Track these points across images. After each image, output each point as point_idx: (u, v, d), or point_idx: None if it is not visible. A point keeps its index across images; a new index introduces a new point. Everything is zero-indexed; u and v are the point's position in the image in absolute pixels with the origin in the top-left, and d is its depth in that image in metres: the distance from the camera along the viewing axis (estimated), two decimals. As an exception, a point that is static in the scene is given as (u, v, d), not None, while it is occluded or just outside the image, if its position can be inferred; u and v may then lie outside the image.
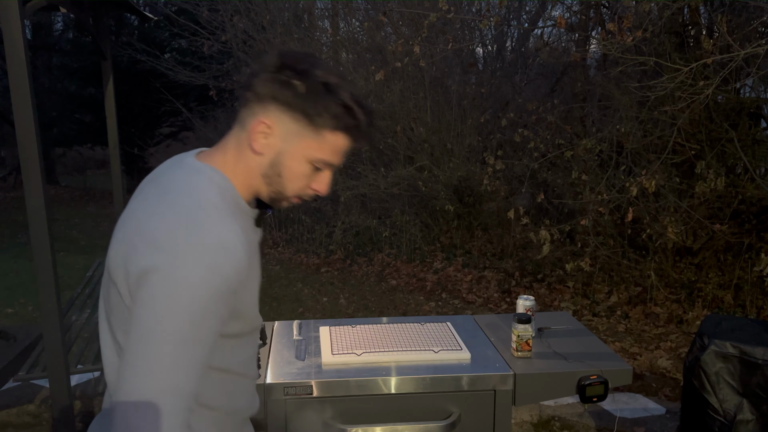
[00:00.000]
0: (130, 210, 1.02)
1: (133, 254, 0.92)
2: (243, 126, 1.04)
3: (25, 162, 2.25)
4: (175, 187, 0.99)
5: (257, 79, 1.00)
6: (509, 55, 7.21)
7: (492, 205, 6.15)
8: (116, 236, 0.99)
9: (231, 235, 0.95)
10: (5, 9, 2.19)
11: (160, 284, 0.89)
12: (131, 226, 0.97)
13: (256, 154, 1.03)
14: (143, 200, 1.01)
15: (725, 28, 3.56)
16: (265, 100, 1.00)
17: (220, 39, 7.55)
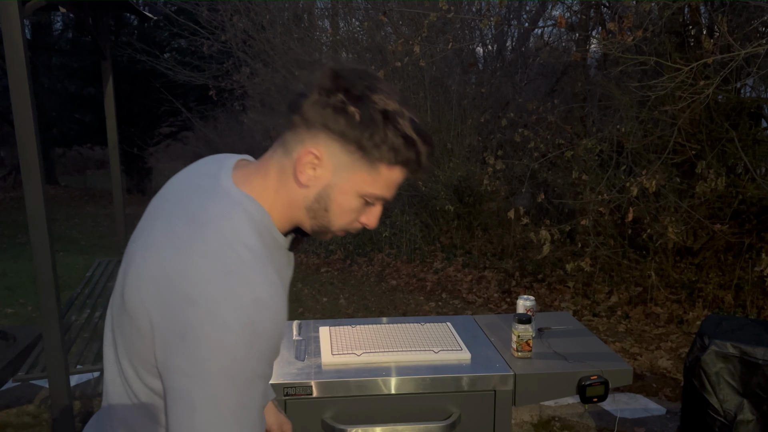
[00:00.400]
0: (152, 237, 0.91)
1: (162, 305, 0.84)
2: (288, 152, 0.93)
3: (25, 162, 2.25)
4: (208, 223, 0.88)
5: (307, 101, 0.89)
6: (509, 54, 7.21)
7: (492, 205, 6.14)
8: (137, 267, 0.89)
9: (269, 288, 0.86)
10: (5, 9, 2.19)
11: (196, 347, 0.81)
12: (157, 265, 0.87)
13: (301, 186, 0.93)
14: (169, 229, 0.90)
15: (726, 27, 3.56)
16: (316, 127, 0.89)
17: (220, 39, 7.55)
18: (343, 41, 6.93)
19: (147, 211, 1.03)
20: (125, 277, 0.91)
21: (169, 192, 1.01)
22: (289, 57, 6.87)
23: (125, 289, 0.90)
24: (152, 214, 0.99)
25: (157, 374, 0.88)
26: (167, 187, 1.04)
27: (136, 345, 0.89)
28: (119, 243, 4.13)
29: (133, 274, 0.89)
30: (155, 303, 0.85)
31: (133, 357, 0.91)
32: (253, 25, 7.10)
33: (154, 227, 0.93)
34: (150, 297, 0.86)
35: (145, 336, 0.87)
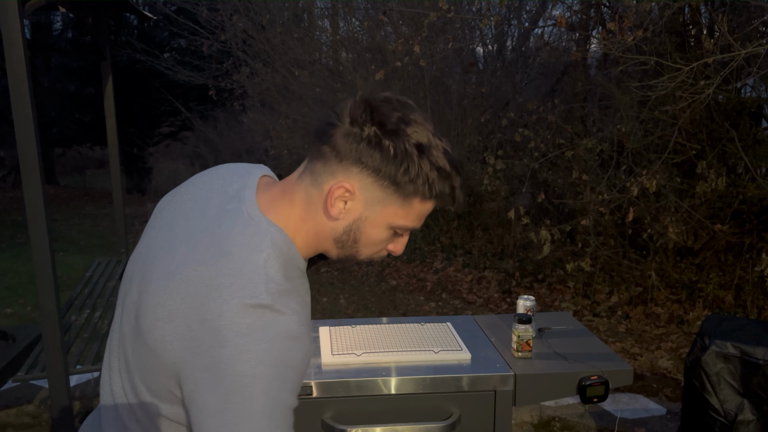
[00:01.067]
0: (176, 264, 0.88)
1: (190, 341, 0.82)
2: (317, 183, 0.90)
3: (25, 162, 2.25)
4: (237, 255, 0.85)
5: (338, 132, 0.87)
6: (509, 54, 7.20)
7: (492, 205, 6.14)
8: (161, 298, 0.86)
9: (297, 320, 0.85)
10: (4, 9, 2.19)
11: (228, 384, 0.80)
12: (183, 298, 0.84)
13: (331, 219, 0.91)
14: (194, 259, 0.87)
15: (726, 27, 3.56)
16: (348, 160, 0.87)
17: (220, 38, 7.55)
18: (343, 41, 6.93)
19: (161, 218, 1.00)
20: (142, 302, 0.89)
21: (189, 207, 0.97)
22: (289, 57, 6.87)
23: (143, 318, 0.88)
24: (171, 229, 0.95)
25: (177, 402, 0.87)
26: (184, 197, 1.00)
27: (154, 374, 0.88)
28: (119, 243, 4.13)
29: (156, 304, 0.87)
30: (182, 339, 0.83)
31: (148, 382, 0.89)
32: (253, 25, 7.09)
33: (177, 251, 0.89)
34: (176, 332, 0.84)
35: (166, 368, 0.85)
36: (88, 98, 12.30)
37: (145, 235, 1.02)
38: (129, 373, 0.92)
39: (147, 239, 1.00)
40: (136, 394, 0.91)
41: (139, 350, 0.89)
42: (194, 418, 0.82)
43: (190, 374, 0.82)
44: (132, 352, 0.91)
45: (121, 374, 0.94)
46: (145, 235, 1.02)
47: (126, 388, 0.93)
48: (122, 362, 0.94)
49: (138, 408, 0.92)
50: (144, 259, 0.96)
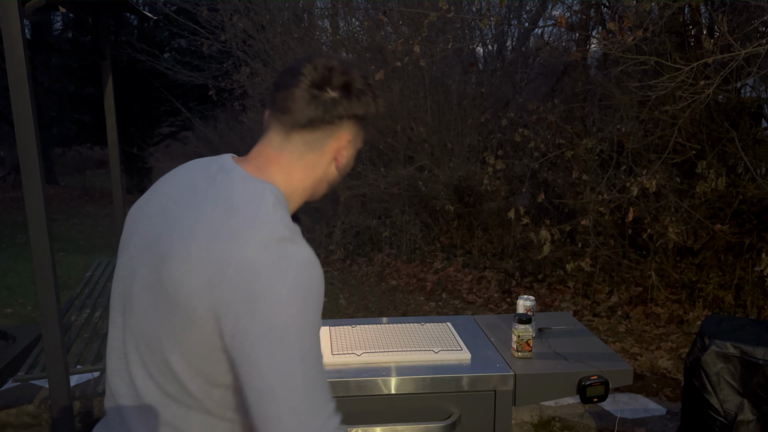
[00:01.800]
0: (189, 229, 0.94)
1: (223, 285, 0.89)
2: (313, 147, 1.04)
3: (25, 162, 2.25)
4: (245, 206, 0.95)
5: (335, 102, 1.02)
6: (509, 54, 7.20)
7: (492, 205, 6.14)
8: (182, 259, 0.92)
9: (311, 250, 0.95)
10: (4, 9, 2.19)
11: (266, 309, 0.88)
12: (206, 250, 0.91)
13: (338, 167, 1.09)
14: (205, 218, 0.94)
15: (726, 27, 3.56)
16: (339, 119, 1.03)
17: (220, 38, 7.55)
18: (343, 41, 6.93)
19: (144, 215, 1.06)
20: (165, 274, 0.94)
21: (176, 194, 1.03)
22: (289, 57, 6.87)
23: (170, 284, 0.93)
24: (164, 214, 1.01)
25: (220, 360, 0.93)
26: (162, 192, 1.06)
27: (194, 339, 0.92)
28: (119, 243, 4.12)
29: (179, 268, 0.92)
30: (216, 285, 0.89)
31: (188, 354, 0.94)
32: (253, 25, 7.09)
33: (184, 222, 0.96)
34: (208, 281, 0.90)
35: (204, 322, 0.91)
36: (88, 98, 12.30)
37: (131, 237, 1.06)
38: (160, 357, 0.96)
39: (138, 235, 1.04)
40: (172, 375, 0.96)
41: (171, 324, 0.94)
42: (240, 351, 0.89)
43: (229, 312, 0.89)
44: (162, 332, 0.95)
45: (147, 367, 0.98)
46: (130, 237, 1.06)
47: (156, 376, 0.97)
48: (147, 353, 0.98)
49: (176, 390, 0.96)
50: (144, 246, 1.01)
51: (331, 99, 1.01)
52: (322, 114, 1.01)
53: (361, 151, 5.95)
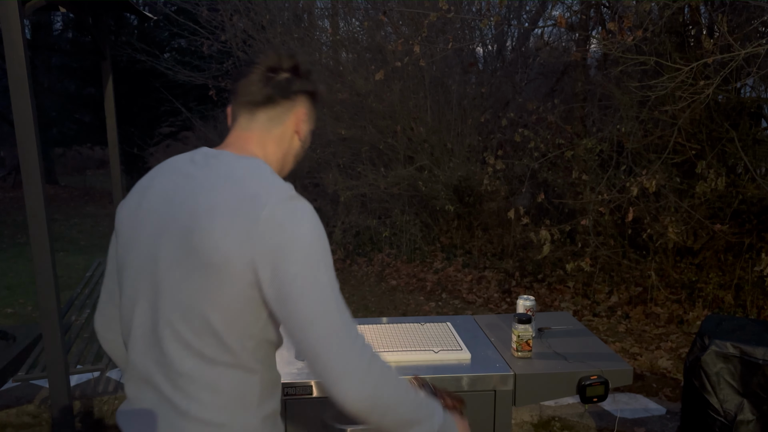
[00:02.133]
0: (206, 206, 1.07)
1: (255, 241, 1.04)
2: (277, 123, 1.21)
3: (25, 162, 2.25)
4: (248, 176, 1.10)
5: (289, 82, 1.20)
6: (509, 54, 7.20)
7: (492, 205, 6.14)
8: (210, 232, 1.04)
9: (309, 203, 1.13)
10: (5, 9, 2.19)
11: (304, 255, 1.05)
12: (230, 218, 1.05)
13: (300, 139, 1.26)
14: (218, 194, 1.08)
15: (726, 27, 3.56)
16: (296, 95, 1.22)
17: (220, 38, 7.55)
18: (343, 41, 6.93)
19: (143, 210, 1.16)
20: (198, 245, 1.05)
21: (172, 185, 1.15)
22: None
23: (205, 252, 1.05)
24: (168, 202, 1.12)
25: (250, 312, 1.07)
26: (154, 189, 1.17)
27: (226, 294, 1.05)
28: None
29: (211, 236, 1.05)
30: (247, 243, 1.04)
31: (228, 312, 1.06)
32: (253, 25, 7.09)
33: (199, 197, 1.09)
34: (239, 241, 1.04)
35: (238, 279, 1.04)
36: (89, 98, 12.29)
37: (137, 232, 1.16)
38: (200, 322, 1.07)
39: (146, 228, 1.14)
40: (213, 336, 1.07)
41: (210, 288, 1.05)
42: (281, 293, 1.04)
43: (265, 263, 1.04)
44: (201, 297, 1.06)
45: (183, 337, 1.08)
46: (136, 232, 1.16)
47: (194, 342, 1.08)
48: (183, 323, 1.08)
49: (214, 350, 1.08)
50: (161, 232, 1.11)
51: (285, 79, 1.19)
52: (279, 91, 1.19)
53: (361, 151, 5.95)
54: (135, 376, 1.17)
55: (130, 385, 1.20)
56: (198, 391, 1.10)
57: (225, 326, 1.07)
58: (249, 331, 1.09)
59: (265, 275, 1.04)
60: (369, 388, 1.05)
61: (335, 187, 6.58)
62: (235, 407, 1.11)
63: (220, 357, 1.09)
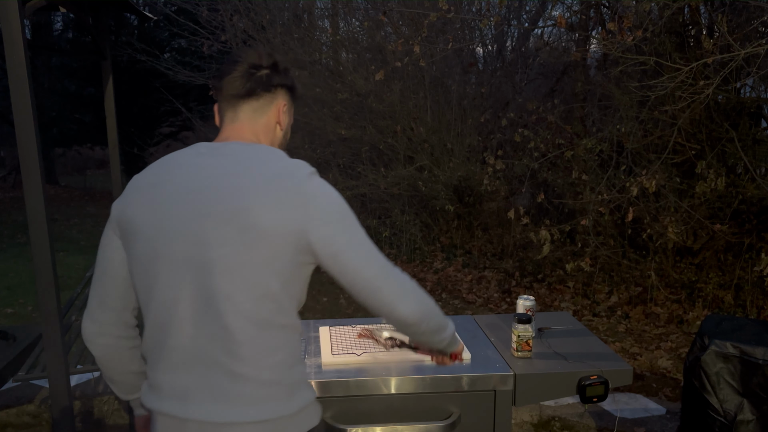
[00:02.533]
0: (237, 187, 1.19)
1: (298, 213, 1.19)
2: (261, 114, 1.32)
3: (25, 162, 2.25)
4: (271, 157, 1.25)
5: (269, 77, 1.31)
6: (509, 54, 7.21)
7: (492, 205, 6.14)
8: (260, 211, 1.17)
9: None
10: (5, 9, 2.19)
11: (342, 216, 1.23)
12: (272, 193, 1.18)
13: (282, 129, 1.37)
14: (248, 176, 1.20)
15: (725, 27, 3.56)
16: (276, 89, 1.33)
17: (220, 39, 7.55)
18: (343, 41, 6.93)
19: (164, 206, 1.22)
20: (253, 221, 1.17)
21: (180, 175, 1.23)
22: (289, 57, 6.87)
23: (260, 227, 1.17)
24: (199, 191, 1.20)
25: (298, 275, 1.23)
26: (164, 185, 1.23)
27: (281, 261, 1.19)
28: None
29: (262, 213, 1.17)
30: (293, 213, 1.19)
31: (283, 274, 1.20)
32: (253, 25, 7.09)
33: (237, 184, 1.19)
34: (287, 215, 1.18)
35: (290, 246, 1.19)
36: (89, 98, 12.29)
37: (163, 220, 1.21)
38: (261, 289, 1.19)
39: (174, 220, 1.20)
40: (272, 300, 1.21)
41: (267, 257, 1.18)
42: (331, 248, 1.21)
43: (313, 228, 1.19)
44: (260, 266, 1.18)
45: (241, 307, 1.19)
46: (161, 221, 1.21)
47: (251, 310, 1.19)
48: (242, 293, 1.19)
49: (270, 313, 1.21)
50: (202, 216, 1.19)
51: (265, 74, 1.30)
52: (260, 85, 1.30)
53: (361, 151, 5.94)
54: (178, 359, 1.22)
55: (165, 371, 1.24)
56: (256, 355, 1.21)
57: (282, 291, 1.21)
58: (297, 293, 1.25)
59: (316, 238, 1.20)
60: (419, 301, 1.27)
61: (335, 187, 6.58)
62: (286, 365, 1.25)
63: (276, 320, 1.22)
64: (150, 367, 1.28)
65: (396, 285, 1.25)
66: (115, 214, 1.27)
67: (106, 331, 1.33)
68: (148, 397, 1.27)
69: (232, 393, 1.21)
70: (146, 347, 1.28)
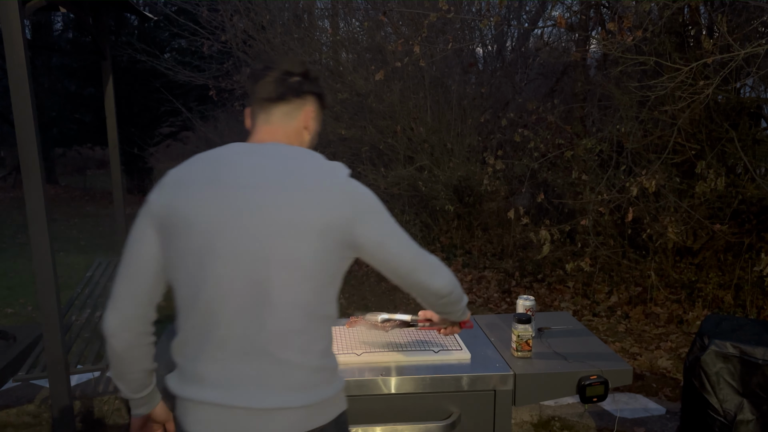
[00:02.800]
0: (289, 180, 1.27)
1: (345, 208, 1.28)
2: (290, 118, 1.40)
3: (25, 162, 2.25)
4: (313, 156, 1.34)
5: (300, 83, 1.39)
6: (509, 54, 7.21)
7: (492, 205, 6.14)
8: (312, 209, 1.25)
9: None
10: (5, 9, 2.19)
11: (380, 211, 1.35)
12: (322, 189, 1.27)
13: (309, 134, 1.45)
14: (297, 170, 1.28)
15: (725, 27, 3.56)
16: (306, 96, 1.41)
17: (220, 39, 7.55)
18: (343, 41, 6.93)
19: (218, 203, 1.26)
20: (305, 218, 1.25)
21: (247, 174, 1.28)
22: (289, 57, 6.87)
23: (314, 221, 1.25)
24: (255, 187, 1.26)
25: (341, 268, 1.34)
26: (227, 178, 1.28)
27: (329, 256, 1.28)
28: (120, 243, 4.13)
29: (315, 208, 1.25)
30: (340, 210, 1.27)
31: (326, 270, 1.29)
32: (253, 26, 7.09)
33: (291, 181, 1.27)
34: (334, 209, 1.27)
35: (337, 242, 1.28)
36: (89, 98, 12.29)
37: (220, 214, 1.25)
38: (315, 281, 1.28)
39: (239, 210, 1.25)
40: (321, 290, 1.30)
41: (319, 251, 1.26)
42: (374, 238, 1.32)
43: (358, 222, 1.29)
44: (314, 259, 1.27)
45: (298, 297, 1.26)
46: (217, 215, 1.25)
47: (304, 302, 1.27)
48: (298, 285, 1.26)
49: (319, 304, 1.29)
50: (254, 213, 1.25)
51: (297, 81, 1.38)
52: (292, 90, 1.38)
53: (362, 151, 5.94)
54: (227, 349, 1.26)
55: (211, 361, 1.27)
56: (305, 344, 1.28)
57: (329, 284, 1.31)
58: (338, 286, 1.35)
59: (361, 232, 1.30)
60: (448, 275, 1.46)
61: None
62: (328, 351, 1.35)
63: (323, 311, 1.30)
64: (188, 359, 1.30)
65: (429, 264, 1.42)
66: (156, 209, 1.29)
67: (131, 326, 1.34)
68: (186, 388, 1.30)
69: (281, 380, 1.27)
70: (184, 339, 1.31)
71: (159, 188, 1.31)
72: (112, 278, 3.86)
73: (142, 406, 1.48)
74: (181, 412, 1.32)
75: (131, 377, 1.41)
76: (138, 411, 1.49)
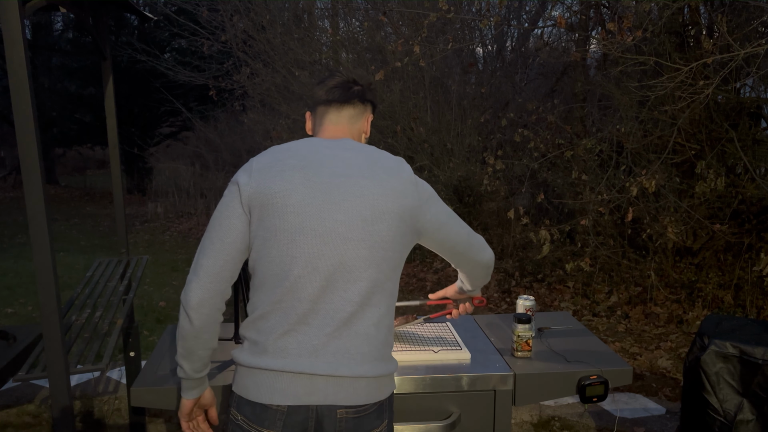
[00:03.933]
0: (368, 171, 1.43)
1: (411, 198, 1.45)
2: (356, 120, 1.57)
3: (25, 162, 2.25)
4: (380, 152, 1.51)
5: (364, 91, 1.57)
6: (509, 55, 7.21)
7: (492, 205, 6.14)
8: (388, 198, 1.41)
9: None
10: (5, 9, 2.19)
11: (437, 199, 1.54)
12: (393, 180, 1.44)
13: (366, 138, 1.63)
14: (372, 163, 1.45)
15: (725, 27, 3.56)
16: (368, 104, 1.59)
17: (220, 39, 7.55)
18: (343, 41, 6.93)
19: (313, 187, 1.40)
20: (383, 206, 1.41)
21: (334, 164, 1.43)
22: (289, 57, 6.87)
23: (390, 209, 1.41)
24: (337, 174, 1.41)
25: (406, 250, 1.49)
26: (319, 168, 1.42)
27: (405, 238, 1.46)
28: (120, 243, 4.13)
29: (389, 197, 1.42)
30: (407, 199, 1.44)
31: (400, 252, 1.46)
32: (253, 26, 7.09)
33: (369, 172, 1.43)
34: (403, 198, 1.43)
35: (409, 226, 1.46)
36: (89, 98, 12.30)
37: (311, 197, 1.39)
38: (393, 261, 1.44)
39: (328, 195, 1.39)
40: (397, 269, 1.46)
41: (398, 234, 1.43)
42: (438, 223, 1.52)
43: (422, 210, 1.48)
44: (395, 241, 1.43)
45: (376, 275, 1.41)
46: (309, 197, 1.38)
47: (382, 280, 1.42)
48: (379, 264, 1.41)
49: (392, 281, 1.46)
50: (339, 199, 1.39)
51: (360, 89, 1.56)
52: (358, 97, 1.56)
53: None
54: (312, 322, 1.38)
55: (295, 334, 1.38)
56: (379, 319, 1.42)
57: (400, 266, 1.48)
58: (402, 263, 1.50)
59: (427, 217, 1.49)
60: (490, 249, 1.70)
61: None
62: (391, 327, 1.48)
63: (394, 290, 1.47)
64: (265, 333, 1.39)
65: (478, 240, 1.64)
66: (248, 191, 1.38)
67: (212, 302, 1.40)
68: (265, 359, 1.38)
69: (357, 351, 1.39)
70: (262, 314, 1.40)
71: (247, 173, 1.41)
72: (112, 278, 3.87)
73: (196, 387, 1.52)
74: (252, 384, 1.39)
75: (199, 354, 1.46)
76: (191, 393, 1.52)
